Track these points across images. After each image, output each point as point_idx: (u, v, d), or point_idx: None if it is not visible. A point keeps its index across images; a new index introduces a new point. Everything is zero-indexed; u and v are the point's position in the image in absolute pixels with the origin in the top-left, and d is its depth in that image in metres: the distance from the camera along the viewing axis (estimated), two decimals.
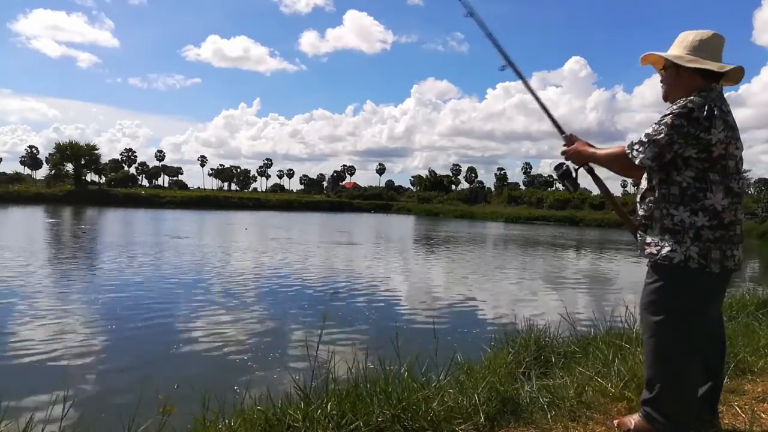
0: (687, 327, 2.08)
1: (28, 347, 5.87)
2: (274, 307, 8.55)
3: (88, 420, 3.73)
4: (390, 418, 2.27)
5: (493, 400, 2.50)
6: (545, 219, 47.83)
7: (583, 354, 3.39)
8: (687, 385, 2.12)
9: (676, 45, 2.24)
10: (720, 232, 2.06)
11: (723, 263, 2.06)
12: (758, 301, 5.13)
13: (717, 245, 2.05)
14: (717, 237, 2.05)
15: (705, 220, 2.05)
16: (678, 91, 2.18)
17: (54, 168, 53.59)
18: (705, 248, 2.05)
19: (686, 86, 2.15)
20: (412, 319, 7.98)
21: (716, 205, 2.05)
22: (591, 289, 11.79)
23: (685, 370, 2.10)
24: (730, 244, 2.08)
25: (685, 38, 2.21)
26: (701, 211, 2.05)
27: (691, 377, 2.12)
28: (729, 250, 2.07)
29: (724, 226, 2.06)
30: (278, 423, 2.26)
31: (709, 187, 2.05)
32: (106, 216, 33.08)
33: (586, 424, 2.40)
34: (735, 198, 2.08)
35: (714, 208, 2.05)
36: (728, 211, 2.06)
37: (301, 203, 59.58)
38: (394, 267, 14.62)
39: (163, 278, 10.90)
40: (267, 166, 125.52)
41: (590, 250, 22.92)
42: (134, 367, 5.52)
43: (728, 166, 2.06)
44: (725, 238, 2.06)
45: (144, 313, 7.69)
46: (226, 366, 5.58)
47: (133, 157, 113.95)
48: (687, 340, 2.08)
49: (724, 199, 2.05)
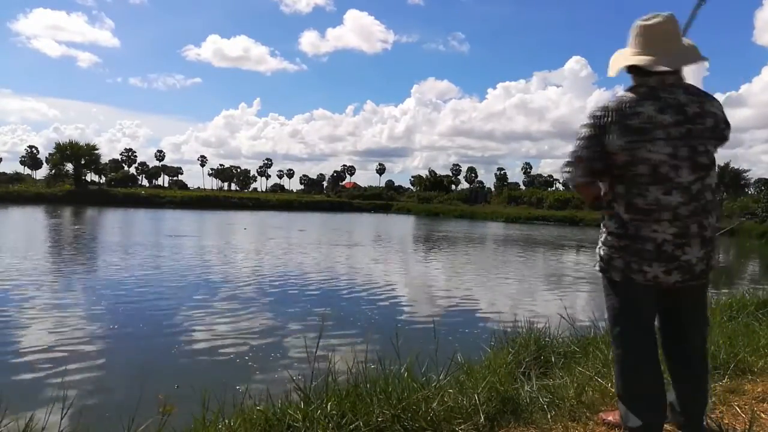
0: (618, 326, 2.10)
1: (28, 347, 5.87)
2: (273, 306, 8.55)
3: (88, 420, 3.73)
4: (390, 418, 2.27)
5: (493, 400, 2.50)
6: (545, 219, 47.81)
7: (583, 354, 3.39)
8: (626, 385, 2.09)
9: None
10: (625, 242, 1.98)
11: (625, 274, 1.99)
12: (758, 301, 5.12)
13: (619, 253, 2.00)
14: (621, 246, 1.99)
15: (613, 227, 2.03)
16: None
17: (54, 168, 53.59)
18: (608, 253, 2.05)
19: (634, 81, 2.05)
20: (412, 319, 7.98)
21: (621, 215, 2.00)
22: (591, 289, 11.78)
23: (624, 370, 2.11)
24: (637, 258, 1.96)
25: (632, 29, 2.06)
26: (614, 217, 2.04)
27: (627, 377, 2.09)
28: (635, 263, 1.96)
29: (629, 236, 1.97)
30: (278, 423, 2.26)
31: (615, 197, 2.02)
32: (106, 216, 33.07)
33: (586, 424, 2.41)
34: (640, 215, 1.93)
35: (620, 216, 2.01)
36: (630, 224, 1.96)
37: (301, 203, 59.55)
38: (393, 267, 14.62)
39: (163, 278, 10.90)
40: (267, 166, 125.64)
41: (590, 250, 22.89)
42: (134, 366, 5.52)
43: (638, 173, 1.93)
44: (630, 249, 1.97)
45: (144, 313, 7.70)
46: (225, 366, 5.59)
47: (133, 157, 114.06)
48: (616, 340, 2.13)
49: (626, 213, 1.97)
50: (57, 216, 30.66)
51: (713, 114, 1.97)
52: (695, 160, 1.92)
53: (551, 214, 48.95)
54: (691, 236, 1.93)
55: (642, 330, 2.08)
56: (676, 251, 1.93)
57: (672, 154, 1.90)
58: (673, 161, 1.90)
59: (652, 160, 1.90)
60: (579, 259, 19.01)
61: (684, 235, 1.92)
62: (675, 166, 1.90)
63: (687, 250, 1.93)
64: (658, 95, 1.95)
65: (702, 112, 1.95)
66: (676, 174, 1.90)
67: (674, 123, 1.91)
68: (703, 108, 1.96)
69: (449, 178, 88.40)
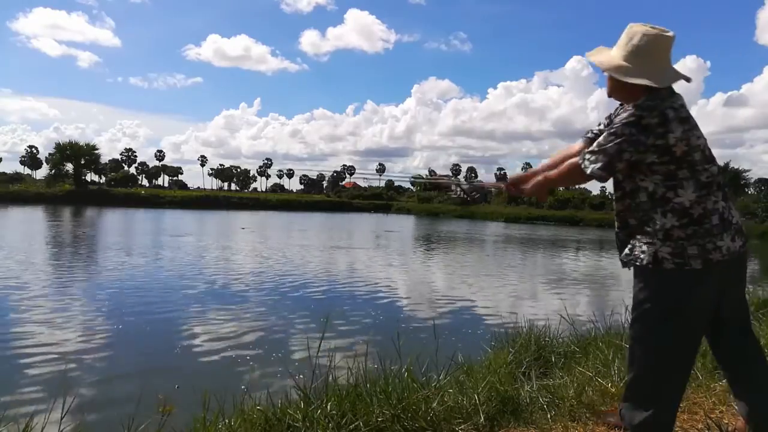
0: (666, 327, 2.04)
1: (29, 347, 5.87)
2: (273, 306, 8.55)
3: (88, 420, 3.74)
4: (390, 418, 2.27)
5: (493, 400, 2.50)
6: (545, 219, 47.83)
7: (583, 354, 3.39)
8: (652, 388, 2.08)
9: (620, 44, 2.14)
10: (692, 228, 2.01)
11: (705, 257, 2.00)
12: (758, 300, 5.13)
13: (692, 241, 2.01)
14: (690, 234, 2.01)
15: (674, 221, 2.02)
16: (621, 95, 2.14)
17: (54, 168, 53.57)
18: (678, 246, 2.02)
19: (632, 91, 2.09)
20: (412, 319, 7.98)
21: (684, 202, 2.01)
22: (591, 289, 11.79)
23: (652, 371, 2.07)
24: (709, 237, 2.01)
25: (630, 37, 2.10)
26: (670, 212, 2.02)
27: (658, 379, 2.07)
28: (710, 243, 2.01)
29: (694, 221, 2.01)
30: (278, 423, 2.26)
31: (680, 183, 2.02)
32: (106, 216, 33.07)
33: (585, 424, 2.41)
34: (704, 189, 2.03)
35: (682, 205, 2.01)
36: (696, 205, 2.01)
37: (301, 203, 59.56)
38: (394, 267, 14.62)
39: (163, 278, 10.90)
40: (267, 166, 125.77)
41: (590, 250, 22.92)
42: (134, 367, 5.52)
43: (695, 159, 2.02)
44: (699, 232, 2.01)
45: (144, 313, 7.70)
46: (226, 366, 5.58)
47: (133, 157, 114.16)
48: (664, 341, 2.05)
49: (693, 193, 2.01)
50: (57, 216, 30.66)
51: None
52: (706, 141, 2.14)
53: (551, 214, 48.96)
54: (729, 199, 2.11)
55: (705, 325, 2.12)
56: (729, 215, 2.07)
57: (704, 139, 2.10)
58: (707, 143, 2.10)
59: (701, 145, 2.05)
60: (579, 259, 19.01)
61: (726, 199, 2.09)
62: (707, 146, 2.10)
63: (733, 213, 2.10)
64: (674, 93, 2.11)
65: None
66: (711, 152, 2.10)
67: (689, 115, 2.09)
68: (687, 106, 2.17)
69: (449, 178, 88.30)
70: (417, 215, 53.94)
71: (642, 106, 2.00)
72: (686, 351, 2.09)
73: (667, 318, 2.03)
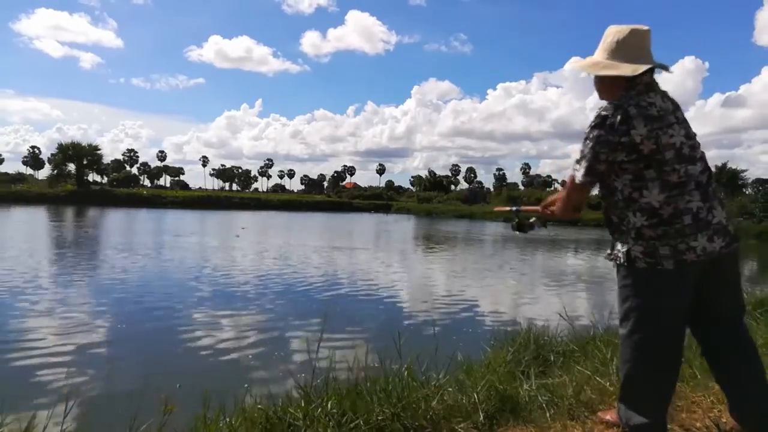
0: (642, 327, 2.06)
1: (31, 346, 5.89)
2: (274, 306, 8.57)
3: (90, 419, 3.75)
4: (390, 417, 2.28)
5: (492, 398, 2.51)
6: None
7: (581, 353, 3.40)
8: (639, 387, 2.09)
9: (600, 47, 2.20)
10: (662, 228, 2.00)
11: (677, 258, 2.00)
12: (756, 300, 5.13)
13: (663, 241, 2.01)
14: (660, 234, 2.01)
15: (644, 220, 2.02)
16: (607, 95, 2.18)
17: (56, 168, 53.66)
18: (650, 246, 2.02)
19: (612, 89, 2.14)
20: (412, 318, 7.99)
21: (652, 202, 2.01)
22: (589, 289, 11.79)
23: (636, 371, 2.08)
24: (681, 237, 2.00)
25: (606, 37, 2.18)
26: (638, 211, 2.03)
27: (642, 379, 2.08)
28: (682, 243, 2.00)
29: (664, 221, 2.00)
30: (279, 421, 2.27)
31: (645, 184, 2.02)
32: (108, 216, 33.09)
33: (584, 422, 2.42)
34: (675, 189, 2.01)
35: (650, 205, 2.01)
36: (666, 206, 2.00)
37: (302, 203, 59.55)
38: (393, 266, 14.63)
39: (164, 278, 10.92)
40: (268, 166, 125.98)
41: (589, 250, 22.90)
42: (136, 366, 5.54)
43: (665, 158, 2.01)
44: (670, 233, 2.00)
45: (145, 313, 7.72)
46: (227, 365, 5.60)
47: (135, 158, 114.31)
48: (642, 340, 2.06)
49: (661, 194, 2.00)
50: (59, 216, 30.68)
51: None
52: (694, 138, 2.11)
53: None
54: (711, 199, 2.06)
55: (682, 324, 2.12)
56: (707, 216, 2.03)
57: (686, 135, 2.08)
58: (689, 141, 2.07)
59: (675, 143, 2.03)
60: (577, 258, 19.01)
61: (706, 199, 2.04)
62: (692, 145, 2.07)
63: (714, 213, 2.05)
64: (654, 88, 2.11)
65: (677, 104, 2.15)
66: (692, 151, 2.07)
67: (674, 108, 2.10)
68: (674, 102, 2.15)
69: (448, 178, 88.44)
70: (417, 215, 53.89)
71: (606, 107, 2.06)
72: (666, 349, 2.08)
73: (644, 316, 2.06)
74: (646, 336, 2.06)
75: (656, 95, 2.08)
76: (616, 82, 2.12)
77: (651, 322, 2.05)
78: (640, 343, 2.07)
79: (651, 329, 2.05)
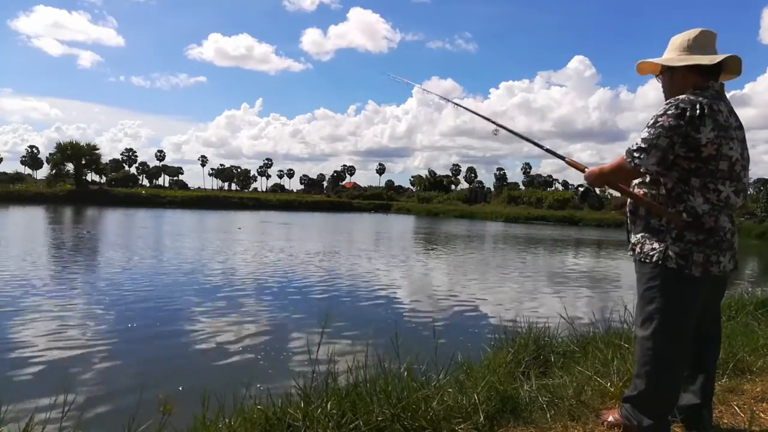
0: (666, 329, 2.06)
1: (29, 347, 5.88)
2: (274, 306, 8.55)
3: (89, 419, 3.75)
4: (390, 418, 2.27)
5: (492, 399, 2.51)
6: (545, 219, 47.77)
7: (582, 353, 3.40)
8: (659, 389, 2.10)
9: (668, 50, 2.24)
10: (702, 236, 2.02)
11: (706, 267, 2.03)
12: (757, 300, 5.14)
13: (700, 248, 2.02)
14: (700, 240, 2.02)
15: (690, 221, 2.03)
16: (676, 94, 2.15)
17: (55, 168, 53.56)
18: (686, 249, 2.02)
19: (682, 87, 2.14)
20: (412, 319, 7.98)
21: (697, 209, 2.02)
22: (590, 289, 11.79)
23: (656, 373, 2.09)
24: (716, 250, 2.03)
25: (674, 42, 2.22)
26: (685, 212, 2.03)
27: (665, 380, 2.09)
28: (714, 256, 2.03)
29: (705, 230, 2.02)
30: (278, 422, 2.27)
31: (691, 190, 2.03)
32: (107, 216, 33.06)
33: (585, 423, 2.41)
34: (719, 204, 2.03)
35: (695, 210, 2.02)
36: (708, 216, 2.02)
37: (302, 203, 59.51)
38: (393, 266, 14.62)
39: (162, 277, 10.90)
40: (267, 166, 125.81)
41: (589, 250, 22.91)
42: (134, 366, 5.52)
43: (718, 168, 2.01)
44: (709, 242, 2.02)
45: (144, 313, 7.70)
46: (226, 365, 5.59)
47: (134, 157, 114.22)
48: (664, 343, 2.07)
49: (705, 204, 2.02)
50: (57, 216, 30.65)
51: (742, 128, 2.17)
52: (747, 162, 2.13)
53: (551, 214, 48.90)
54: (734, 223, 2.13)
55: (692, 327, 2.14)
56: (732, 238, 2.10)
57: (741, 155, 2.08)
58: (742, 161, 2.09)
59: (732, 157, 2.03)
60: (578, 258, 19.01)
61: (733, 222, 2.11)
62: (743, 166, 2.10)
63: (735, 237, 2.13)
64: (723, 98, 2.11)
65: (740, 124, 2.14)
66: (744, 174, 2.10)
67: (737, 127, 2.10)
68: (738, 120, 2.14)
69: (449, 178, 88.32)
70: (417, 215, 53.90)
71: (684, 100, 2.03)
72: (685, 352, 2.12)
73: (669, 319, 2.06)
74: (669, 339, 2.07)
75: (725, 105, 2.08)
76: (688, 82, 2.13)
77: (675, 324, 2.06)
78: (662, 345, 2.07)
79: (674, 332, 2.07)
